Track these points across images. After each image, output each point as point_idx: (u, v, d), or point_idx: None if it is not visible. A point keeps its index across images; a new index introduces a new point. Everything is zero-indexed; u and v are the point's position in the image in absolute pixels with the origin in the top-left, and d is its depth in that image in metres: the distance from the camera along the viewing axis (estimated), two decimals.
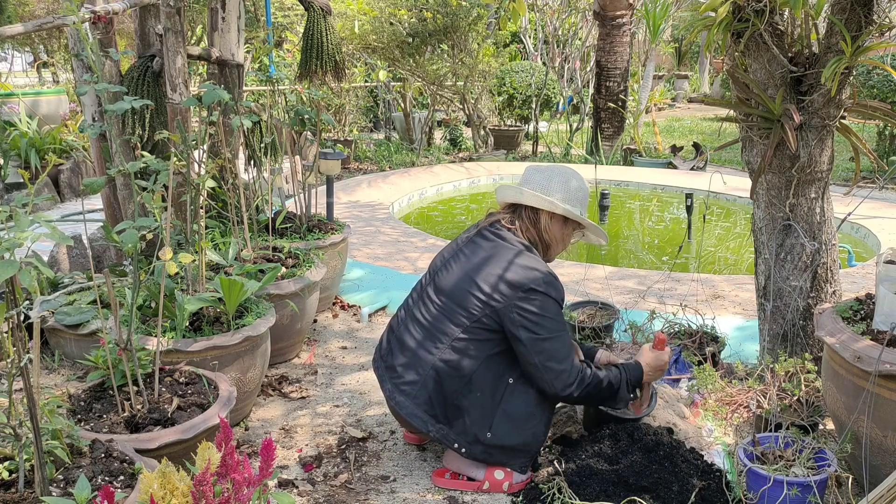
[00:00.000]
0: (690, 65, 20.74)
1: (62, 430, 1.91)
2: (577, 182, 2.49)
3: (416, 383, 2.34)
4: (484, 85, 10.27)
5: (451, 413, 2.32)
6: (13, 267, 1.54)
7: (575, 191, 2.47)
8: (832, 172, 2.80)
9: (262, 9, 8.64)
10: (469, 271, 2.36)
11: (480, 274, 2.33)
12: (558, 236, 2.48)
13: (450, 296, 2.36)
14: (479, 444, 2.33)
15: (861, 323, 2.38)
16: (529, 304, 2.26)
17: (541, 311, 2.27)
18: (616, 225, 7.07)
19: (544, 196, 2.41)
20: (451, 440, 2.34)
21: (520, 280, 2.28)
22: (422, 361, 2.34)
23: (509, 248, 2.36)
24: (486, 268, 2.33)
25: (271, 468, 1.55)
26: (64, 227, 5.62)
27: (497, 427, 2.32)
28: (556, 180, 2.46)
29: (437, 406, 2.32)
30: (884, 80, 8.60)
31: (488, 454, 2.35)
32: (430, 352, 2.33)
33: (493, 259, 2.34)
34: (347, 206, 6.93)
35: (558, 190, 2.44)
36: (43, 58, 15.34)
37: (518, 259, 2.32)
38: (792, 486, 2.13)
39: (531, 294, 2.26)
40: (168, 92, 3.44)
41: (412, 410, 2.35)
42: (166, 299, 2.77)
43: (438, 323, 2.35)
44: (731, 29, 2.67)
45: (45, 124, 7.74)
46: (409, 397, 2.35)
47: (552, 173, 2.48)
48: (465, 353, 2.30)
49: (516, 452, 2.37)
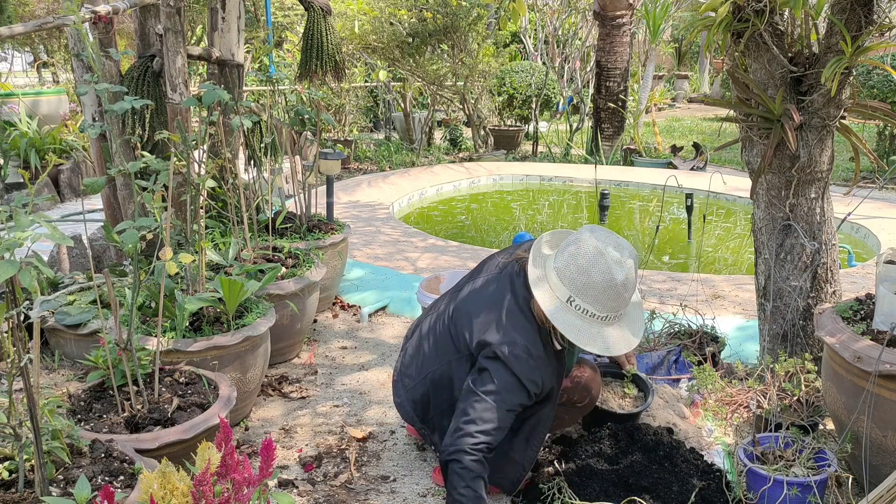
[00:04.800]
0: (690, 65, 20.74)
1: (62, 430, 1.91)
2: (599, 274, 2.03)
3: (414, 378, 2.43)
4: (484, 85, 10.26)
5: (433, 423, 2.40)
6: (13, 267, 1.54)
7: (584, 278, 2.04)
8: (832, 172, 2.80)
9: (262, 9, 8.63)
10: (472, 307, 2.27)
11: (477, 314, 2.24)
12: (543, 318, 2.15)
13: (454, 320, 2.33)
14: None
15: (861, 323, 2.38)
16: (489, 360, 2.15)
17: (493, 371, 2.12)
18: (616, 225, 7.07)
19: (538, 283, 2.12)
20: (435, 442, 2.41)
21: (492, 341, 2.15)
22: (425, 364, 2.40)
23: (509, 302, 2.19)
24: (483, 311, 2.23)
25: (271, 468, 1.55)
26: (64, 227, 5.62)
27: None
28: (566, 258, 2.08)
29: (424, 410, 2.41)
30: (884, 80, 8.60)
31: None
32: (432, 360, 2.37)
33: (493, 305, 2.22)
34: (347, 206, 6.93)
35: (561, 271, 2.07)
36: (43, 58, 15.34)
37: (506, 318, 2.16)
38: (792, 486, 2.13)
39: (495, 356, 2.13)
40: (168, 92, 3.44)
41: (404, 401, 2.45)
42: (166, 299, 2.77)
43: (445, 339, 2.35)
44: (731, 29, 2.67)
45: (45, 124, 7.74)
46: (406, 388, 2.45)
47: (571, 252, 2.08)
48: (457, 375, 2.29)
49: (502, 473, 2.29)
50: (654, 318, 3.39)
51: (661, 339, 3.28)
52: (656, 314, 3.41)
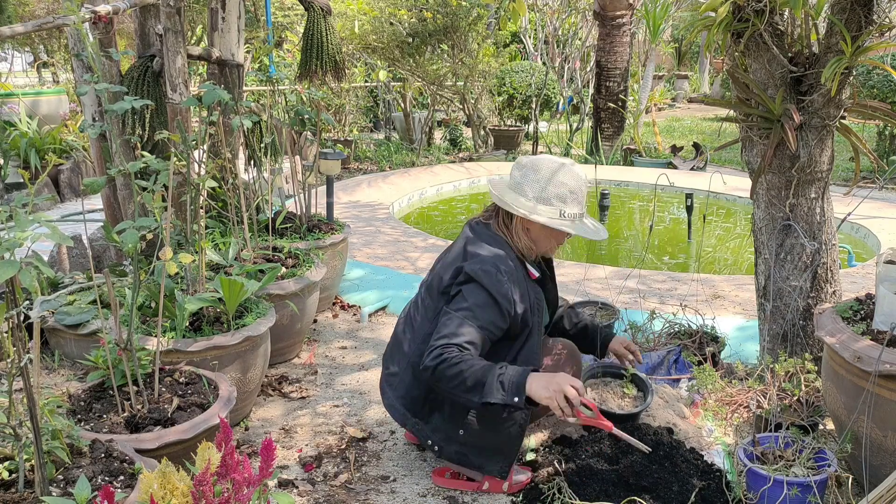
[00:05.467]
0: (690, 65, 20.74)
1: (62, 430, 1.91)
2: (562, 177, 2.27)
3: (396, 375, 2.39)
4: (484, 85, 10.26)
5: (426, 408, 2.33)
6: (13, 267, 1.54)
7: (556, 186, 2.26)
8: (832, 172, 2.80)
9: (262, 9, 8.63)
10: (440, 269, 2.37)
11: (445, 268, 2.33)
12: (541, 236, 2.33)
13: (428, 292, 2.39)
14: (454, 443, 2.29)
15: (861, 323, 2.37)
16: (459, 284, 2.23)
17: (464, 291, 2.20)
18: (616, 225, 7.07)
19: (511, 204, 2.27)
20: (426, 436, 2.33)
21: (462, 264, 2.25)
22: (403, 354, 2.38)
23: (470, 239, 2.32)
24: (450, 261, 2.33)
25: (271, 468, 1.55)
26: (64, 227, 5.62)
27: (470, 425, 2.25)
28: (531, 177, 2.29)
29: (415, 399, 2.34)
30: (884, 80, 8.60)
31: (463, 455, 2.31)
32: (409, 345, 2.36)
33: (458, 252, 2.33)
34: (347, 206, 6.93)
35: (533, 189, 2.27)
36: (43, 58, 15.34)
37: (472, 247, 2.29)
38: (792, 486, 2.13)
39: (466, 277, 2.22)
40: (168, 92, 3.44)
41: (392, 401, 2.40)
42: (166, 299, 2.77)
43: (420, 318, 2.37)
44: (731, 29, 2.67)
45: (45, 124, 7.74)
46: (391, 387, 2.41)
47: (529, 170, 2.31)
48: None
49: (492, 455, 2.29)
50: (654, 318, 3.39)
51: (661, 339, 3.28)
52: (656, 314, 3.41)
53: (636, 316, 3.50)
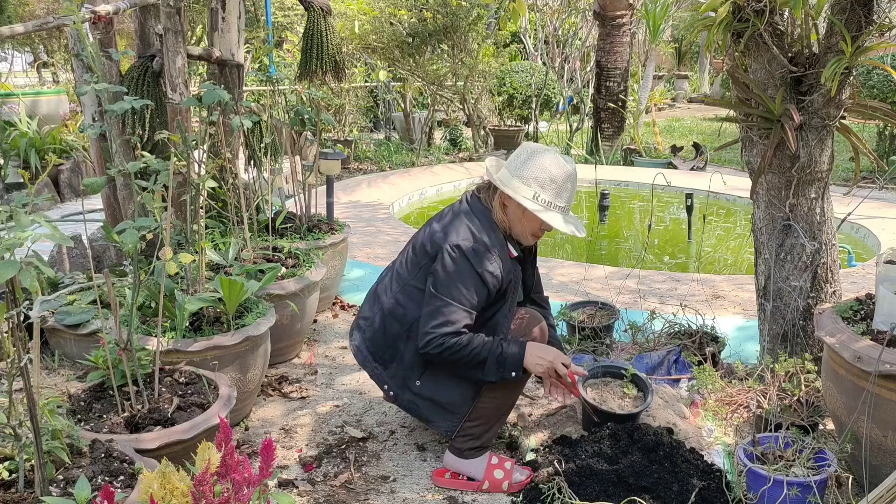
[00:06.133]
0: (690, 65, 20.74)
1: (62, 430, 1.91)
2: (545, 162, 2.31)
3: (368, 319, 2.52)
4: (484, 85, 10.26)
5: (388, 354, 2.45)
6: (13, 267, 1.54)
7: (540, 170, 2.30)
8: (832, 172, 2.80)
9: (262, 9, 8.64)
10: (431, 231, 2.46)
11: (434, 231, 2.43)
12: (514, 217, 2.38)
13: (414, 249, 2.49)
14: (408, 391, 2.42)
15: (861, 323, 2.38)
16: (444, 260, 2.30)
17: (450, 270, 2.29)
18: (616, 225, 7.07)
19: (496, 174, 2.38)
20: (383, 381, 2.46)
21: (449, 229, 2.35)
22: (379, 301, 2.51)
23: (463, 213, 2.40)
24: (440, 227, 2.43)
25: (271, 468, 1.54)
26: (64, 227, 5.62)
27: (427, 379, 2.39)
28: (521, 157, 2.36)
29: (379, 344, 2.46)
30: (884, 80, 8.60)
31: (415, 405, 2.43)
32: (385, 293, 2.49)
33: (446, 221, 2.43)
34: (347, 206, 6.93)
35: (519, 169, 2.33)
36: (43, 58, 15.34)
37: (457, 220, 2.38)
38: (792, 486, 2.13)
39: (451, 251, 2.30)
40: (168, 92, 3.44)
41: (358, 344, 2.53)
42: (166, 299, 2.77)
43: (401, 270, 2.49)
44: (731, 29, 2.67)
45: (45, 124, 7.74)
46: (360, 331, 2.53)
47: (521, 150, 2.40)
48: (412, 298, 2.41)
49: (443, 411, 2.40)
50: (654, 318, 3.39)
51: (661, 339, 3.28)
52: (656, 314, 3.41)
53: (636, 316, 3.50)
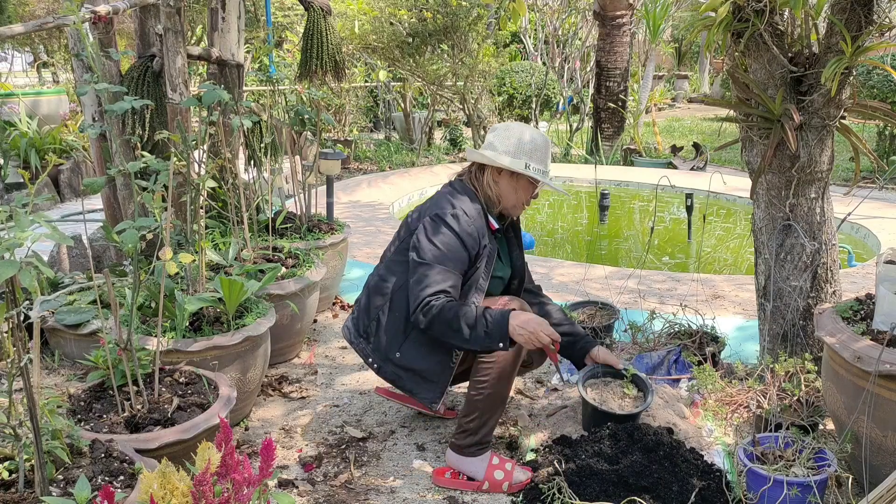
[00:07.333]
0: (690, 65, 20.74)
1: (62, 430, 1.91)
2: (529, 136, 2.53)
3: (357, 301, 2.65)
4: (484, 85, 10.26)
5: (370, 327, 2.55)
6: (13, 267, 1.54)
7: (524, 144, 2.51)
8: (832, 172, 2.80)
9: (262, 9, 8.64)
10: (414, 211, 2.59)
11: (417, 211, 2.57)
12: (508, 189, 2.55)
13: (398, 232, 2.62)
14: (390, 363, 2.51)
15: (861, 323, 2.38)
16: (426, 228, 2.42)
17: (431, 236, 2.39)
18: (616, 225, 7.07)
19: (482, 152, 2.53)
20: (367, 355, 2.56)
21: (429, 207, 2.50)
22: (367, 283, 2.64)
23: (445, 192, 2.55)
24: (422, 206, 2.56)
25: (271, 468, 1.54)
26: (64, 227, 5.62)
27: (407, 349, 2.48)
28: (501, 135, 2.54)
29: (363, 319, 2.58)
30: (884, 80, 8.60)
31: (397, 376, 2.51)
32: (373, 275, 2.62)
33: (430, 202, 2.56)
34: (347, 206, 6.93)
35: (503, 145, 2.52)
36: (43, 58, 15.34)
37: (438, 197, 2.53)
38: (792, 486, 2.13)
39: (431, 220, 2.42)
40: (168, 92, 3.44)
41: (348, 323, 2.65)
42: (166, 299, 2.77)
43: (387, 252, 2.62)
44: (731, 29, 2.67)
45: (45, 124, 7.74)
46: (351, 314, 2.67)
47: (501, 130, 2.57)
48: (393, 271, 2.53)
49: (424, 381, 2.47)
50: (654, 318, 3.39)
51: (661, 339, 3.28)
52: (656, 314, 3.41)
53: (636, 316, 3.49)
